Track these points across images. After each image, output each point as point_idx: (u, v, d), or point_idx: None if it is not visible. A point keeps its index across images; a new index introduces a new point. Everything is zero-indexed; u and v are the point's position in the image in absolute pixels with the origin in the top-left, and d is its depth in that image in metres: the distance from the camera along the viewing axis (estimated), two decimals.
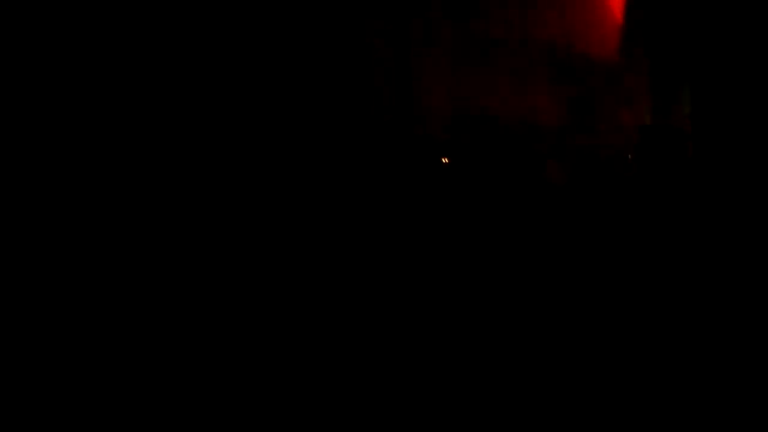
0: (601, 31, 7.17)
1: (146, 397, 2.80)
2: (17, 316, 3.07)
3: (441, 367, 3.21)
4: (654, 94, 7.30)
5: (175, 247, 3.62)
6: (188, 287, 3.45)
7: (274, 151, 4.39)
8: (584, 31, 6.91)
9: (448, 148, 5.89)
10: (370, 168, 5.11)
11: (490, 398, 2.92)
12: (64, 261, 3.30)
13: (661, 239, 5.04)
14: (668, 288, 4.11)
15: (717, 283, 4.14)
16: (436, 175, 5.66)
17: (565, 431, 2.81)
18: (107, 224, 3.49)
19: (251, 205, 4.08)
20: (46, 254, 3.27)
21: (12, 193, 3.27)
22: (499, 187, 5.84)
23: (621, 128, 6.94)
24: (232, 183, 4.05)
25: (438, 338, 3.51)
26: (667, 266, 4.49)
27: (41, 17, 3.39)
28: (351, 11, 4.99)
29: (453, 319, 3.74)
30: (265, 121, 4.36)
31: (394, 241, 4.69)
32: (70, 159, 3.46)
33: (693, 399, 2.93)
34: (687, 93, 6.98)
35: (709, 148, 6.55)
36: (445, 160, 5.96)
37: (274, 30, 4.49)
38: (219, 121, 4.16)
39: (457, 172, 5.79)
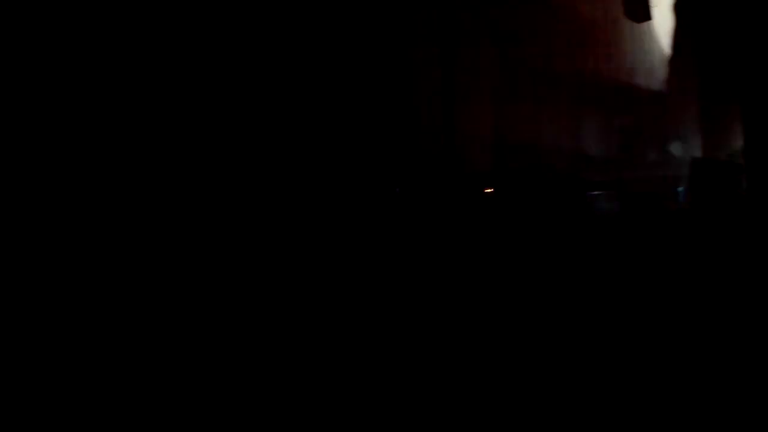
0: (650, 62, 7.09)
1: (146, 396, 2.77)
2: (17, 316, 3.07)
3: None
4: (705, 126, 7.13)
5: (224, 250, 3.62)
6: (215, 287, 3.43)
7: (322, 171, 4.43)
8: (632, 62, 6.83)
9: (492, 177, 5.83)
10: (413, 195, 5.08)
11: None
12: (64, 261, 3.30)
13: (714, 273, 4.84)
14: (722, 321, 3.93)
15: None
16: (479, 205, 5.59)
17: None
18: (107, 224, 3.50)
19: (306, 224, 4.12)
20: (46, 254, 3.28)
21: (12, 193, 3.28)
22: (544, 219, 5.73)
23: (671, 160, 6.78)
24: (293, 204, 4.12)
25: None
26: (722, 300, 4.30)
27: (41, 17, 3.41)
28: (398, 42, 5.04)
29: (499, 352, 3.63)
30: (314, 145, 4.41)
31: (437, 268, 4.63)
32: (70, 159, 3.47)
33: None
34: (740, 125, 6.80)
35: (764, 182, 6.33)
36: (488, 191, 5.88)
37: (328, 58, 4.56)
38: (277, 146, 4.23)
39: (501, 203, 5.70)
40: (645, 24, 7.08)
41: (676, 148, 6.93)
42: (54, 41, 3.42)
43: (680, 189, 6.53)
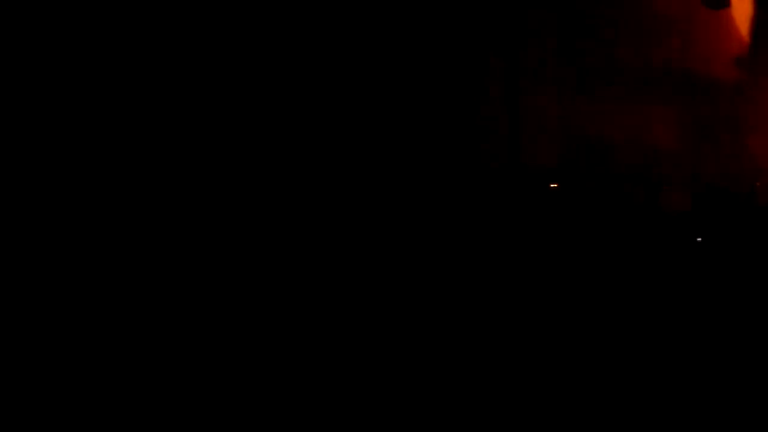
0: (726, 51, 6.78)
1: (146, 396, 2.81)
2: (17, 316, 3.01)
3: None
4: None
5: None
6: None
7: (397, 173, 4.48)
8: (707, 51, 6.55)
9: (558, 174, 5.77)
10: (480, 193, 5.10)
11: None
12: (64, 261, 3.25)
13: None
14: None
15: None
16: (545, 202, 5.54)
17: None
18: (107, 225, 3.44)
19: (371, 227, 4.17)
20: (46, 254, 3.23)
21: (12, 193, 3.22)
22: (611, 215, 5.62)
23: (748, 153, 6.48)
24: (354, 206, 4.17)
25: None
26: None
27: (41, 17, 3.36)
28: (466, 36, 5.03)
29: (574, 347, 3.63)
30: (387, 147, 4.45)
31: (502, 263, 4.64)
32: (70, 159, 3.41)
33: None
34: None
35: None
36: (553, 186, 5.83)
37: (399, 64, 4.61)
38: (346, 144, 4.28)
39: (567, 199, 5.64)
40: (723, 11, 6.77)
41: (752, 142, 6.61)
42: (53, 41, 3.41)
43: (758, 184, 6.24)
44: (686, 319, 3.97)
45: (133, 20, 3.66)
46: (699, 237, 5.35)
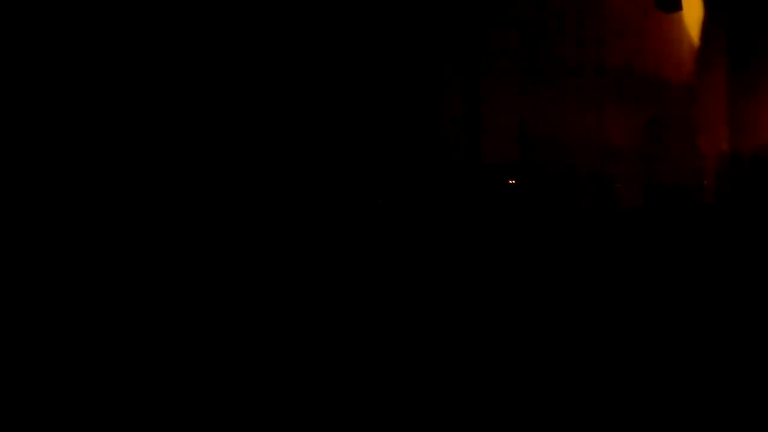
0: (677, 54, 7.01)
1: (146, 396, 2.74)
2: (17, 316, 3.03)
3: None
4: (732, 120, 7.04)
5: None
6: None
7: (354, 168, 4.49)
8: (659, 54, 6.76)
9: (516, 169, 5.86)
10: (438, 186, 5.13)
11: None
12: (64, 261, 3.26)
13: (742, 267, 4.84)
14: (746, 316, 3.94)
15: None
16: (503, 197, 5.63)
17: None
18: (107, 225, 3.46)
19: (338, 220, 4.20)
20: (46, 254, 3.24)
21: (12, 193, 3.22)
22: (567, 209, 5.75)
23: (697, 153, 6.73)
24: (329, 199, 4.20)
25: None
26: (744, 296, 4.31)
27: (41, 17, 3.36)
28: (422, 32, 5.06)
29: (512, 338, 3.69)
30: (347, 141, 4.45)
31: (461, 258, 4.69)
32: (70, 159, 3.43)
33: None
34: None
35: None
36: (512, 182, 5.92)
37: (360, 59, 4.62)
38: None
39: (525, 194, 5.74)
40: (675, 15, 6.99)
41: (703, 141, 6.87)
42: (50, 40, 3.42)
43: (706, 183, 6.49)
44: (639, 312, 4.08)
45: (132, 20, 3.60)
46: (650, 232, 5.52)
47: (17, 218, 3.22)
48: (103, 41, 3.54)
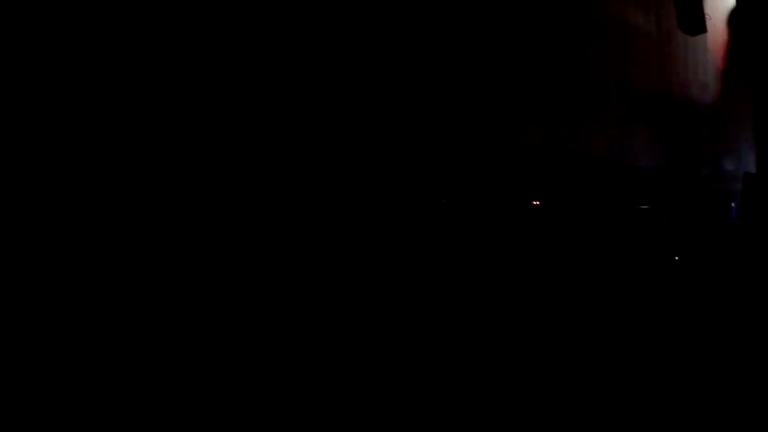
0: (702, 76, 7.01)
1: (146, 396, 2.78)
2: (17, 316, 2.97)
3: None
4: (759, 140, 7.00)
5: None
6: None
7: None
8: (685, 76, 6.77)
9: (543, 187, 5.87)
10: (461, 205, 5.16)
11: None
12: (63, 261, 3.21)
13: (764, 288, 4.78)
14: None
15: None
16: (530, 214, 5.63)
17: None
18: (107, 225, 3.41)
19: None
20: (46, 254, 3.19)
21: (12, 193, 3.19)
22: (592, 231, 5.74)
23: (724, 174, 6.69)
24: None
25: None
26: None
27: (41, 17, 3.35)
28: (455, 48, 5.13)
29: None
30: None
31: (485, 277, 4.69)
32: (70, 159, 3.40)
33: None
34: None
35: None
36: (535, 203, 5.93)
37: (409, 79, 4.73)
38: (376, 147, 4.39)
39: (550, 213, 5.74)
40: (699, 37, 7.01)
41: (728, 163, 6.83)
42: (54, 41, 3.41)
43: (732, 204, 6.43)
44: (668, 331, 4.05)
45: (132, 20, 3.64)
46: (676, 252, 5.48)
47: (18, 218, 3.22)
48: (105, 41, 3.55)
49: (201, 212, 3.64)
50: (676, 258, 5.56)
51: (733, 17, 7.49)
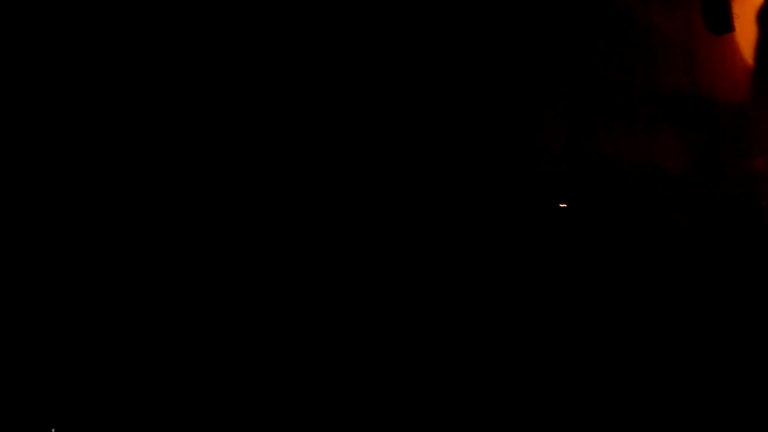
0: (730, 76, 6.92)
1: (146, 396, 2.78)
2: (17, 316, 2.95)
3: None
4: None
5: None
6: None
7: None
8: (712, 76, 6.69)
9: (567, 190, 5.86)
10: (487, 209, 5.18)
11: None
12: (64, 261, 3.20)
13: None
14: None
15: None
16: (554, 219, 5.63)
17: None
18: (107, 224, 3.39)
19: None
20: (46, 254, 3.17)
21: (12, 193, 3.18)
22: (618, 232, 5.71)
23: (754, 173, 6.59)
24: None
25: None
26: None
27: (41, 17, 3.33)
28: (476, 51, 5.16)
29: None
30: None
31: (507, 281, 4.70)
32: (70, 159, 3.39)
33: None
34: None
35: None
36: (562, 205, 5.92)
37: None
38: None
39: (576, 216, 5.73)
40: (726, 36, 6.92)
41: (759, 162, 6.73)
42: (54, 41, 3.40)
43: (764, 204, 6.33)
44: (694, 332, 4.03)
45: (132, 20, 3.63)
46: (706, 254, 5.42)
47: (20, 218, 3.21)
48: (103, 41, 3.55)
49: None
50: (702, 260, 5.51)
51: (763, 15, 7.38)
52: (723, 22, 6.82)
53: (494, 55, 5.31)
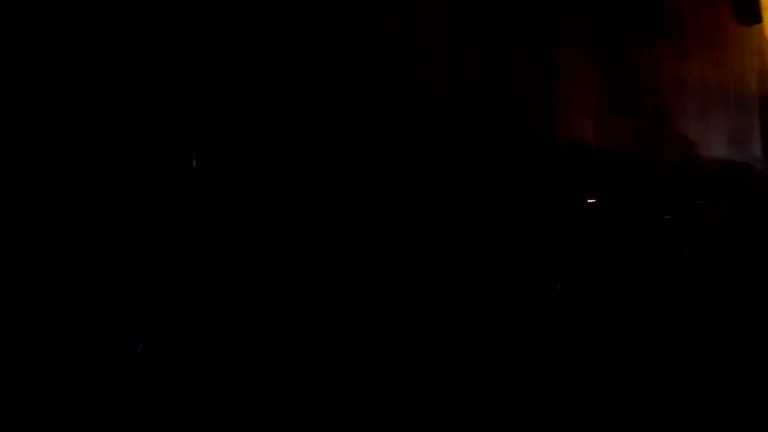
0: (760, 66, 6.82)
1: (146, 396, 2.75)
2: (18, 316, 2.90)
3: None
4: None
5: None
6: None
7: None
8: (746, 67, 6.60)
9: (594, 187, 5.81)
10: (517, 207, 5.15)
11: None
12: (64, 261, 3.15)
13: None
14: None
15: None
16: (581, 215, 5.58)
17: None
18: (107, 224, 3.34)
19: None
20: (46, 254, 3.12)
21: (12, 194, 3.12)
22: (650, 229, 5.64)
23: None
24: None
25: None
26: None
27: (42, 17, 3.28)
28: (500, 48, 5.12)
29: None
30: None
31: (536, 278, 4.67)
32: (70, 159, 3.34)
33: None
34: None
35: None
36: (591, 201, 5.86)
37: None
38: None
39: (604, 213, 5.66)
40: (755, 27, 6.83)
41: None
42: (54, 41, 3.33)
43: None
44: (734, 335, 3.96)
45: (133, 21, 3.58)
46: (741, 248, 5.34)
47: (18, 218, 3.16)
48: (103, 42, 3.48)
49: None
50: (740, 254, 5.43)
51: None
52: (751, 12, 6.73)
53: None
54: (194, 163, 3.61)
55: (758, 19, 6.78)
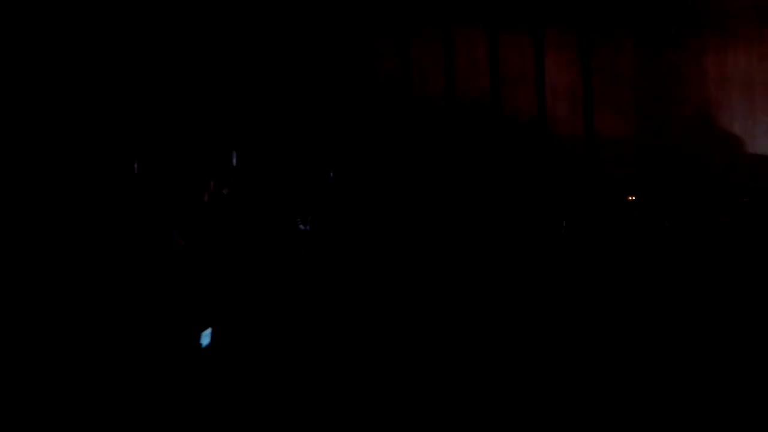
0: None
1: (147, 396, 2.69)
2: (18, 316, 2.91)
3: None
4: None
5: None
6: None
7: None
8: None
9: (634, 183, 5.75)
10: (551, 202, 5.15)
11: None
12: (64, 261, 3.16)
13: None
14: None
15: None
16: (622, 214, 5.52)
17: None
18: (107, 224, 3.36)
19: None
20: (46, 254, 3.15)
21: (12, 194, 3.14)
22: (692, 225, 5.53)
23: None
24: None
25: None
26: None
27: (41, 17, 3.30)
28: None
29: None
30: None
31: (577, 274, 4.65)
32: (70, 159, 3.34)
33: None
34: None
35: None
36: (630, 198, 5.81)
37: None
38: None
39: (644, 210, 5.59)
40: None
41: None
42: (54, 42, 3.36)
43: None
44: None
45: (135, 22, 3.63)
46: None
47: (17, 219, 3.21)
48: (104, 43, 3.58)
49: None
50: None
51: None
52: None
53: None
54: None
55: None
